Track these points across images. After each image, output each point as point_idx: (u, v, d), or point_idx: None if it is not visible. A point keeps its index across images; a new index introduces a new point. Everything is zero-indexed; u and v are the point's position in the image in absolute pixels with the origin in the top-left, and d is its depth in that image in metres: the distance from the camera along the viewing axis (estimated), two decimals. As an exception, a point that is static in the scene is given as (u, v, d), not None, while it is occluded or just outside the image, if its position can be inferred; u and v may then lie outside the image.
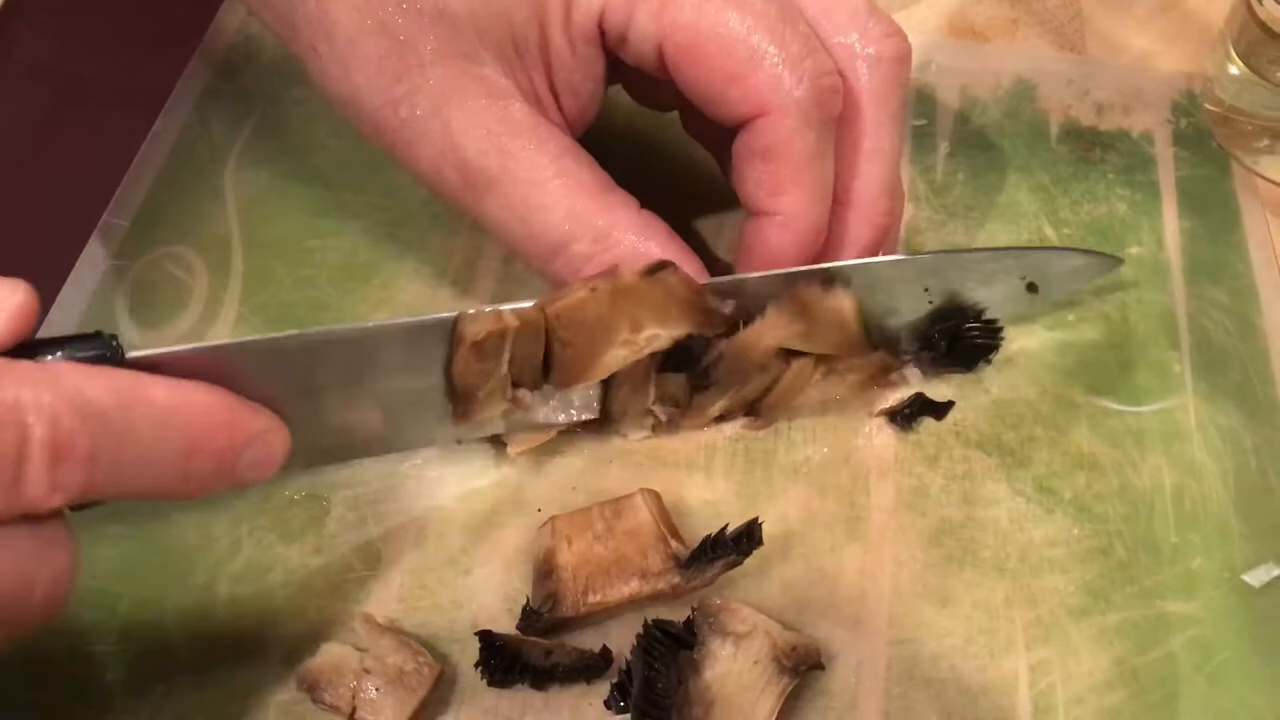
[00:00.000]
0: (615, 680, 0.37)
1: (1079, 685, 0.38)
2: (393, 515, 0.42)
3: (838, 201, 0.42)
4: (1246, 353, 0.46)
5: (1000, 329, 0.44)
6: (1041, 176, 0.52)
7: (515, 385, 0.40)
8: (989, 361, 0.45)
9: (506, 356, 0.39)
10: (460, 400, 0.40)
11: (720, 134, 0.42)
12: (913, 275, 0.42)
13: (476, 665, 0.38)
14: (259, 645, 0.39)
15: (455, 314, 0.38)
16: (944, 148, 0.53)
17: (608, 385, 0.41)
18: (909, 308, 0.43)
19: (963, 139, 0.54)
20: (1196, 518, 0.42)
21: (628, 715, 0.36)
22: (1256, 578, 0.40)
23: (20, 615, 0.30)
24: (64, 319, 0.46)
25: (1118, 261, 0.46)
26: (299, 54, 0.42)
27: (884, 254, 0.43)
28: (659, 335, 0.40)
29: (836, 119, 0.41)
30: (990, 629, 0.39)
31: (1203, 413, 0.44)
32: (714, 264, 0.42)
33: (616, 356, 0.39)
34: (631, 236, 0.40)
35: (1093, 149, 0.53)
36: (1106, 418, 0.44)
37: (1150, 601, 0.40)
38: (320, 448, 0.41)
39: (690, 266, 0.41)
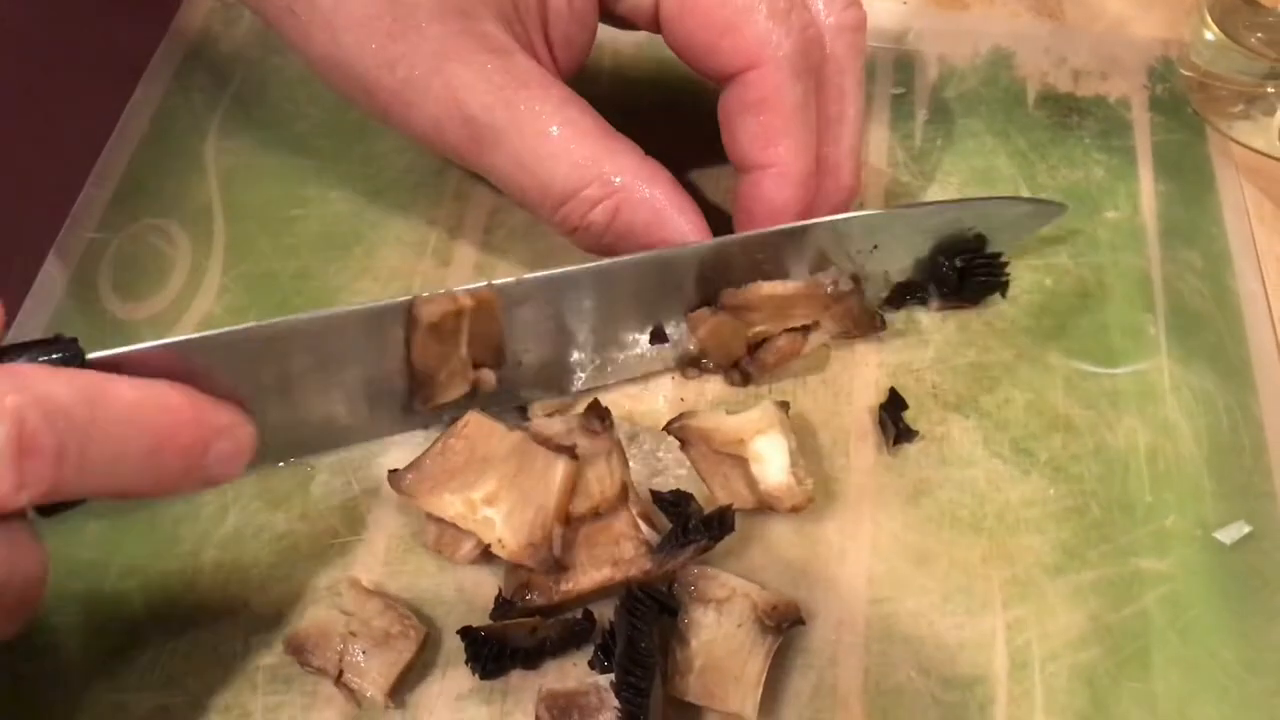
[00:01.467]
0: (599, 642, 0.38)
1: (1054, 641, 0.39)
2: (377, 480, 0.42)
3: None
4: (1220, 315, 0.47)
5: (1005, 263, 0.46)
6: (1019, 142, 0.52)
7: (476, 366, 0.41)
8: (1003, 295, 0.46)
9: (464, 338, 0.39)
10: (421, 385, 0.40)
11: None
12: (860, 232, 0.43)
13: (466, 663, 0.38)
14: (247, 610, 0.39)
15: (410, 298, 0.38)
16: (922, 115, 0.54)
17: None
18: (856, 263, 0.44)
19: (941, 106, 0.54)
20: (1170, 477, 0.42)
21: (611, 675, 0.37)
22: (1228, 535, 0.41)
23: None
24: (47, 294, 0.46)
25: (1061, 208, 0.46)
26: (272, 19, 0.42)
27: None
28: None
29: (816, 70, 0.42)
30: (967, 587, 0.40)
31: (1177, 374, 0.45)
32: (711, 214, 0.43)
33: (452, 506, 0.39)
34: (637, 182, 0.41)
35: (1070, 114, 0.53)
36: (1082, 380, 0.45)
37: (1124, 559, 0.40)
38: (287, 441, 0.41)
39: (691, 215, 0.42)
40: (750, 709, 0.36)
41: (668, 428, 0.41)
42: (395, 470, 0.39)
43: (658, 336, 0.44)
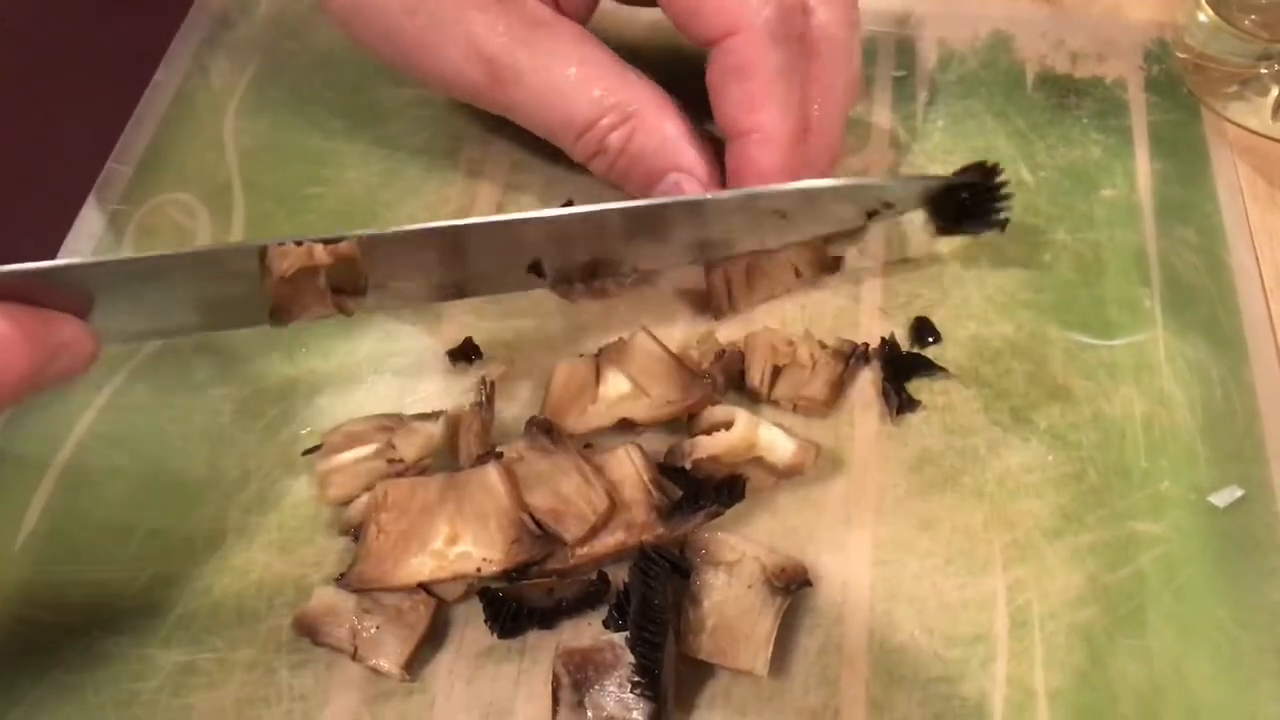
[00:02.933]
0: (614, 602, 0.39)
1: (1053, 601, 0.40)
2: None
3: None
4: (1214, 289, 0.48)
5: (1009, 194, 0.47)
6: (1018, 122, 0.54)
7: (336, 292, 0.41)
8: (1002, 228, 0.47)
9: (323, 279, 0.40)
10: (277, 312, 0.40)
11: None
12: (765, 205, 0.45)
13: (486, 622, 0.39)
14: (269, 571, 0.40)
15: (261, 244, 0.38)
16: (923, 97, 0.55)
17: None
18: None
19: (942, 88, 0.55)
20: (1165, 444, 0.43)
21: (625, 633, 0.38)
22: (1221, 499, 0.42)
23: None
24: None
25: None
26: None
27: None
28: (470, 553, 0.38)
29: (799, 38, 0.44)
30: (969, 550, 0.41)
31: (1171, 346, 0.46)
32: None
33: (424, 566, 0.38)
34: (650, 109, 0.44)
35: (1068, 95, 0.55)
36: (1080, 351, 0.46)
37: (1121, 523, 0.41)
38: (137, 332, 0.41)
39: (696, 144, 0.45)
40: (761, 666, 0.37)
41: (676, 468, 0.41)
42: (341, 576, 0.39)
43: (535, 269, 0.44)
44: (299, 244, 0.38)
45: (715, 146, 0.46)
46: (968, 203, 0.47)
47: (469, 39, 0.43)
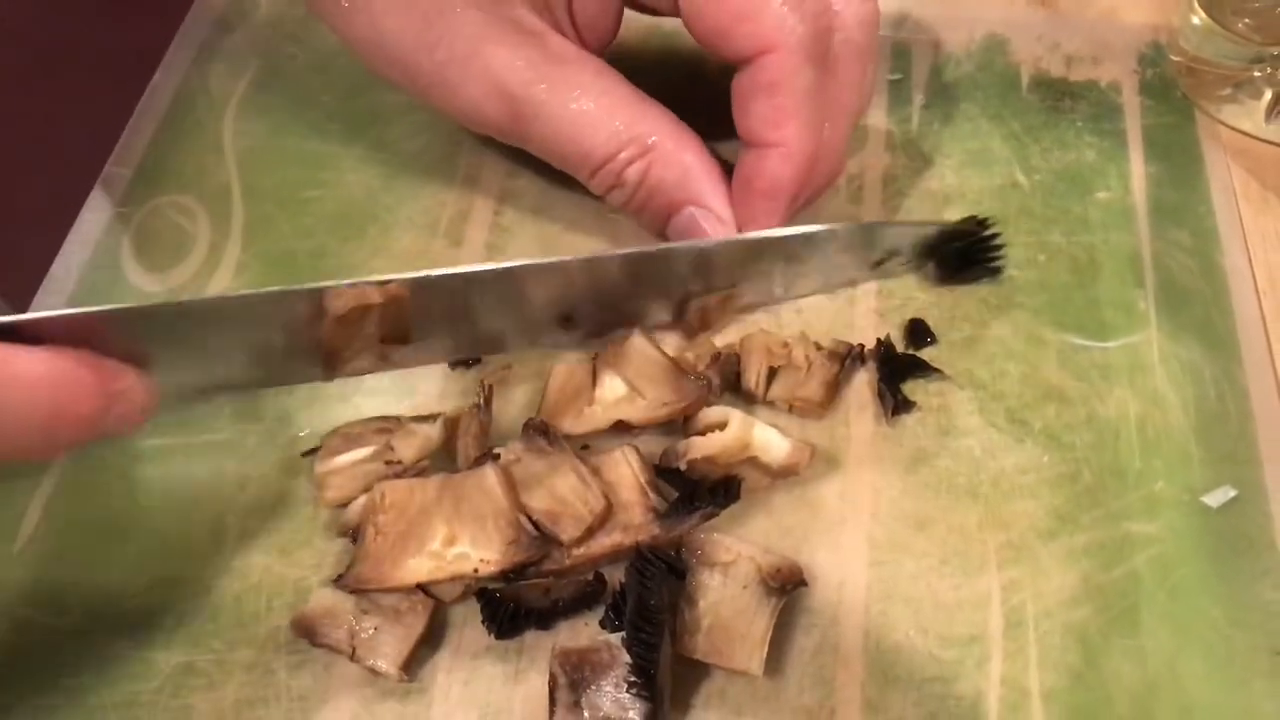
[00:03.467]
0: (610, 602, 0.39)
1: (1048, 601, 0.40)
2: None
3: None
4: (1208, 291, 0.48)
5: (1001, 246, 0.47)
6: (1013, 125, 0.54)
7: (384, 342, 0.42)
8: (994, 279, 0.48)
9: (373, 326, 0.41)
10: (328, 358, 0.42)
11: None
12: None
13: (483, 623, 0.39)
14: (269, 574, 0.41)
15: (320, 286, 0.39)
16: (919, 99, 0.55)
17: None
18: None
19: (937, 91, 0.55)
20: (1159, 445, 0.44)
21: (622, 633, 0.38)
22: (1214, 499, 0.42)
23: None
24: (69, 264, 0.48)
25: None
26: (313, 3, 0.44)
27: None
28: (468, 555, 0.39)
29: (824, 57, 0.44)
30: (964, 550, 0.41)
31: (1165, 347, 0.46)
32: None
33: (421, 567, 0.39)
34: (668, 142, 0.44)
35: (1062, 99, 0.55)
36: (1074, 352, 0.46)
37: (1115, 523, 0.42)
38: (193, 388, 0.42)
39: (716, 177, 0.44)
40: (756, 666, 0.37)
41: (671, 469, 0.41)
42: (339, 576, 0.39)
43: (566, 322, 0.45)
44: (353, 286, 0.39)
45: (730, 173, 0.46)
46: (964, 252, 0.48)
47: (488, 75, 0.43)
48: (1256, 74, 0.53)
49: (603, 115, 0.43)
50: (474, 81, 0.43)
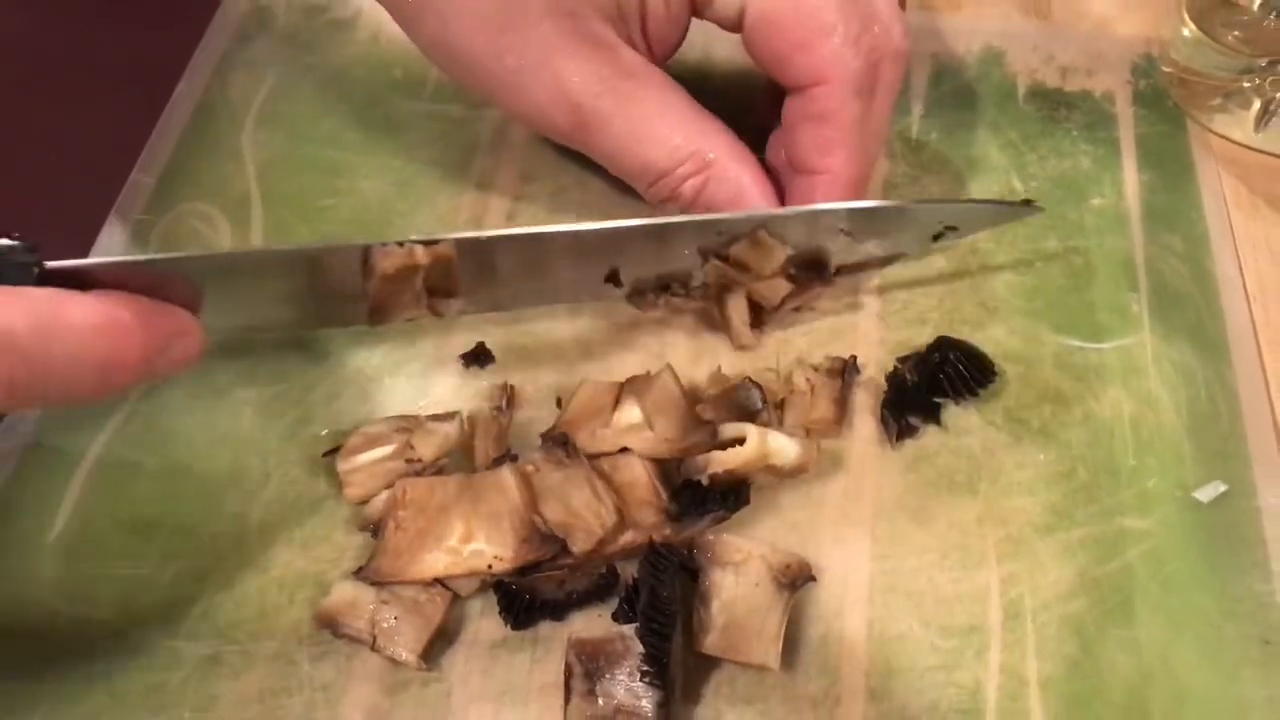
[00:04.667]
0: (623, 595, 0.40)
1: (1045, 594, 0.41)
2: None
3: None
4: (1199, 294, 0.49)
5: (994, 371, 0.47)
6: (1010, 134, 0.55)
7: (431, 296, 0.43)
8: (978, 395, 0.47)
9: (420, 282, 0.42)
10: (375, 310, 0.42)
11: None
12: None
13: (500, 614, 0.40)
14: (290, 568, 0.42)
15: (369, 244, 0.40)
16: (919, 109, 0.56)
17: None
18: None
19: (936, 101, 0.57)
20: (1152, 443, 0.45)
21: (635, 624, 0.39)
22: (1205, 495, 0.43)
23: None
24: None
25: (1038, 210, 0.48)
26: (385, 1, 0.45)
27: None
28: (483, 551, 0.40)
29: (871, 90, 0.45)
30: (964, 545, 0.42)
31: (1158, 349, 0.48)
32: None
33: (439, 562, 0.40)
34: (726, 160, 0.45)
35: (1058, 108, 0.56)
36: (1070, 354, 0.47)
37: (1110, 518, 0.43)
38: (241, 330, 0.43)
39: (770, 196, 0.45)
40: (773, 659, 0.39)
41: (692, 483, 0.42)
42: (360, 569, 0.41)
43: (613, 279, 0.46)
44: (401, 245, 0.40)
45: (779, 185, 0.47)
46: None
47: (557, 84, 0.44)
48: (1245, 84, 0.54)
49: (665, 130, 0.45)
50: (542, 89, 0.44)
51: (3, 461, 0.44)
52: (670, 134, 0.44)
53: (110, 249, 0.50)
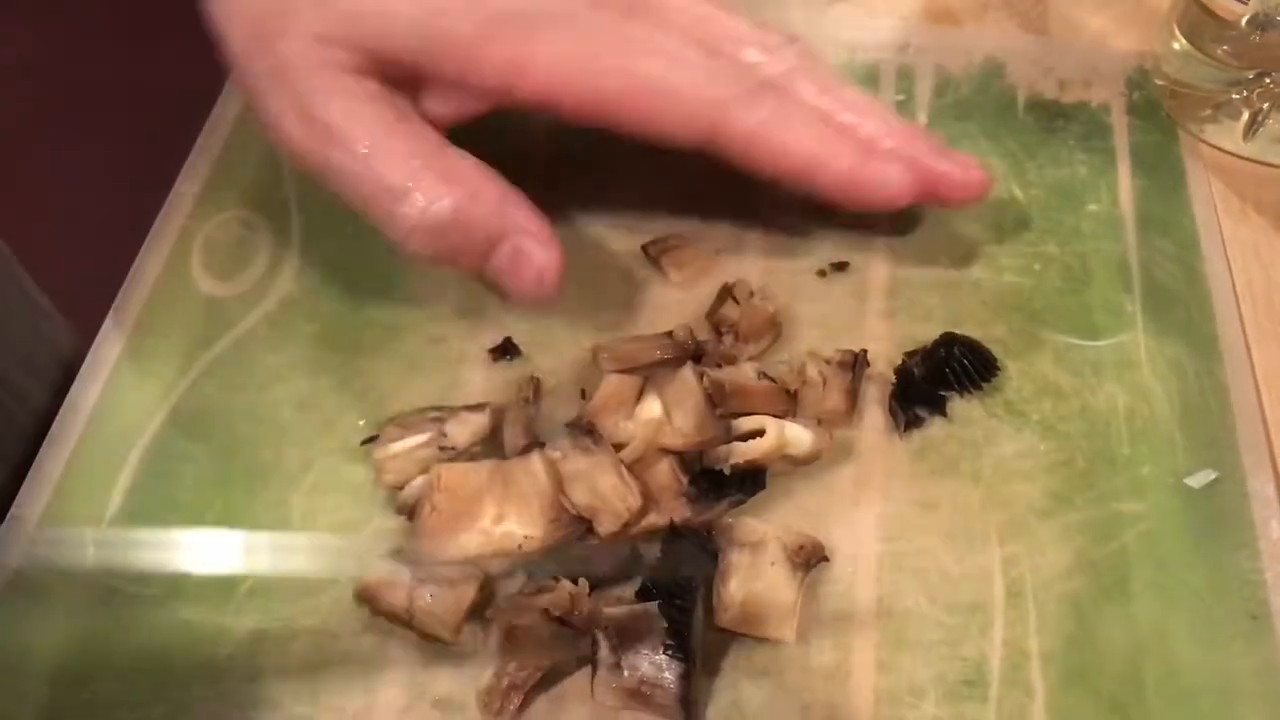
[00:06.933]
0: (646, 574, 0.42)
1: (1045, 573, 0.43)
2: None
3: None
4: (1190, 294, 0.51)
5: (997, 366, 0.49)
6: (1010, 144, 0.57)
7: None
8: (982, 389, 0.48)
9: None
10: None
11: None
12: None
13: None
14: (331, 549, 0.44)
15: None
16: (922, 119, 0.58)
17: None
18: None
19: (938, 111, 0.59)
20: (1146, 433, 0.47)
21: (658, 601, 0.41)
22: (1196, 481, 0.45)
23: None
24: (147, 270, 0.52)
25: None
26: None
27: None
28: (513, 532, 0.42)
29: (778, 88, 0.47)
30: (968, 528, 0.44)
31: (1151, 346, 0.50)
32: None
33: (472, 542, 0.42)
34: (470, 185, 0.44)
35: (1055, 119, 0.58)
36: (1068, 351, 0.49)
37: (1106, 503, 0.45)
38: None
39: (531, 207, 0.45)
40: (790, 633, 0.41)
41: (714, 471, 0.44)
42: (398, 550, 0.43)
43: None
44: None
45: None
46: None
47: (292, 93, 0.43)
48: (1235, 96, 0.56)
49: (403, 148, 0.44)
50: (278, 97, 0.44)
51: (59, 446, 0.46)
52: (406, 154, 0.43)
53: (157, 256, 0.52)
